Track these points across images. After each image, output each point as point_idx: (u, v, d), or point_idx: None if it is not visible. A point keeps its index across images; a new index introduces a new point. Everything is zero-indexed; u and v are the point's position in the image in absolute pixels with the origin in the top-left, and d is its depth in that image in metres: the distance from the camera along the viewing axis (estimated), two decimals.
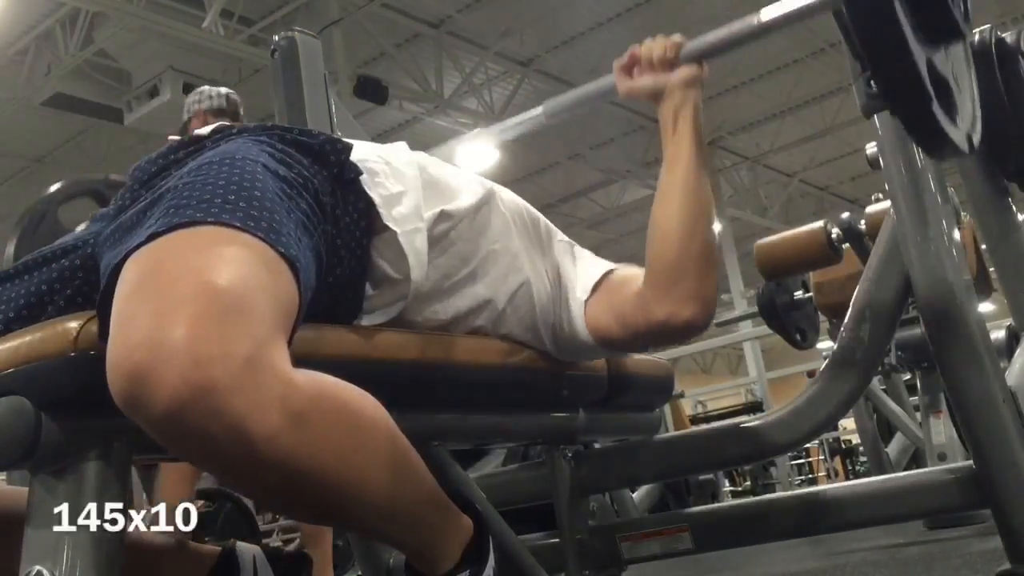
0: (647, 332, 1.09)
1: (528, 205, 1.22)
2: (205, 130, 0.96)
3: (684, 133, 1.14)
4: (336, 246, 0.91)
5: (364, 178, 0.96)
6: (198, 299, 0.64)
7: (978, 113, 1.12)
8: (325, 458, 0.68)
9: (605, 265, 1.19)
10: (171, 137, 0.97)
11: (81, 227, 1.01)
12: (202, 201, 0.75)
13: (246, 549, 1.06)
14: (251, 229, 0.73)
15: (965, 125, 1.04)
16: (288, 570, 1.08)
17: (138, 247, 0.70)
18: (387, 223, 0.95)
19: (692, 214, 1.08)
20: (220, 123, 0.97)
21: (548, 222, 1.25)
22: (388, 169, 1.00)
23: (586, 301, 1.14)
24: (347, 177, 0.94)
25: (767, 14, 1.12)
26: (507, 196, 1.17)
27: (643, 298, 1.08)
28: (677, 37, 1.18)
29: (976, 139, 1.06)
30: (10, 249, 1.39)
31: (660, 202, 1.11)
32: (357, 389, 0.74)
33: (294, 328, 0.74)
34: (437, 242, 1.02)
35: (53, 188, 1.47)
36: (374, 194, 0.95)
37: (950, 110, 0.99)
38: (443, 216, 1.03)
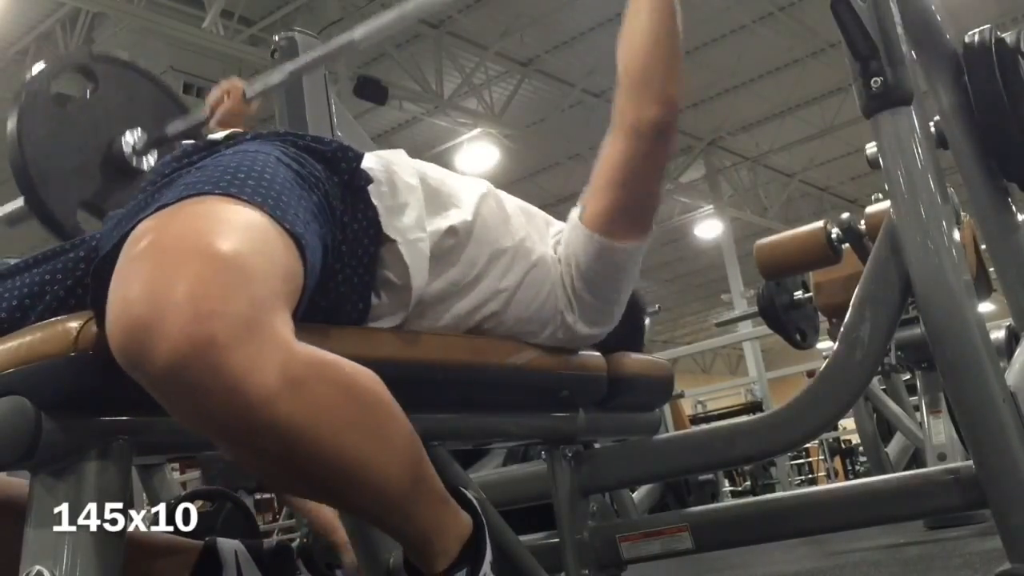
0: (627, 153, 1.11)
1: (520, 201, 1.22)
2: (219, 135, 0.97)
3: None
4: (341, 252, 0.92)
5: (370, 187, 0.97)
6: (201, 259, 0.64)
7: None
8: (323, 428, 0.68)
9: None
10: (185, 142, 0.98)
11: None
12: (212, 179, 0.76)
13: (227, 544, 1.06)
14: (258, 203, 0.74)
15: None
16: (271, 563, 1.08)
17: (145, 217, 0.71)
18: (388, 233, 0.96)
19: (660, 23, 1.12)
20: (234, 129, 0.98)
21: (543, 212, 1.26)
22: (391, 179, 1.01)
23: (580, 217, 1.16)
24: (357, 184, 0.95)
25: None
26: (503, 194, 1.18)
27: (614, 121, 1.13)
28: None
29: None
30: (11, 125, 1.36)
31: (629, 18, 1.14)
32: (360, 367, 0.74)
33: (299, 304, 0.74)
34: (446, 255, 1.03)
35: (37, 68, 1.45)
36: (378, 204, 0.96)
37: None
38: (450, 232, 1.03)
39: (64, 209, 1.38)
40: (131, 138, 1.47)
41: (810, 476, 9.33)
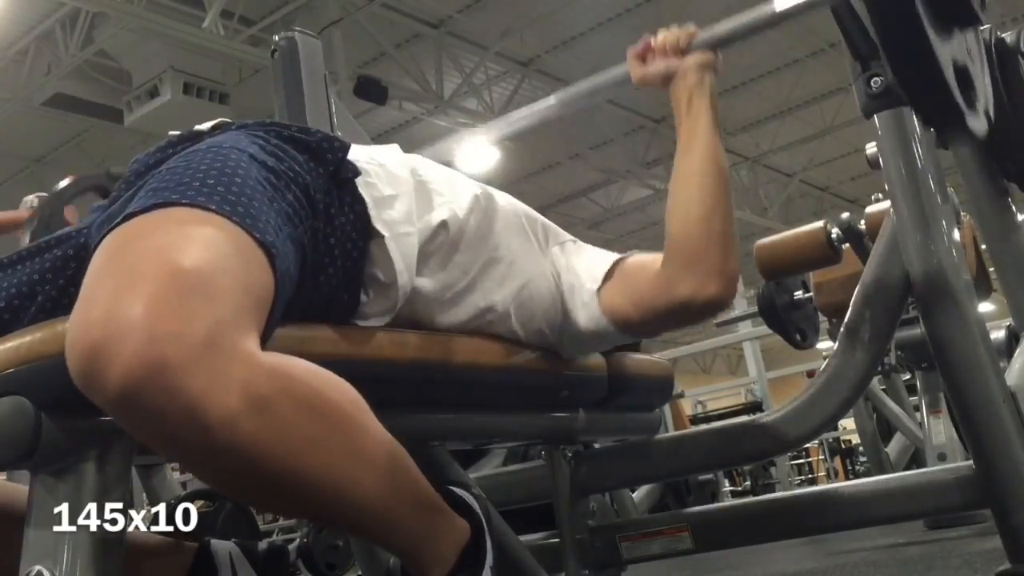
0: (668, 311, 1.08)
1: (525, 207, 1.21)
2: (206, 126, 0.96)
3: (699, 112, 1.13)
4: (329, 244, 0.90)
5: (358, 179, 0.95)
6: (160, 278, 0.63)
7: (990, 95, 1.11)
8: (288, 446, 0.67)
9: (613, 256, 1.19)
10: (171, 133, 0.97)
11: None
12: (180, 184, 0.75)
13: (222, 546, 1.05)
14: (226, 213, 0.72)
15: (982, 106, 1.04)
16: (265, 564, 1.07)
17: (114, 227, 0.70)
18: (376, 225, 0.94)
19: (713, 193, 1.08)
20: (221, 119, 0.97)
21: (547, 221, 1.24)
22: (381, 171, 1.00)
23: (598, 290, 1.14)
24: (343, 176, 0.93)
25: (780, 4, 1.12)
26: (502, 198, 1.17)
27: (664, 278, 1.08)
28: (691, 26, 1.18)
29: (991, 115, 1.06)
30: (24, 243, 1.41)
31: (679, 182, 1.11)
32: (335, 377, 0.73)
33: (271, 316, 0.73)
34: (437, 253, 1.02)
35: (59, 186, 1.49)
36: (365, 195, 0.95)
37: (970, 97, 0.99)
38: (442, 226, 1.02)
39: None
40: None
41: (810, 476, 9.33)
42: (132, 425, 0.63)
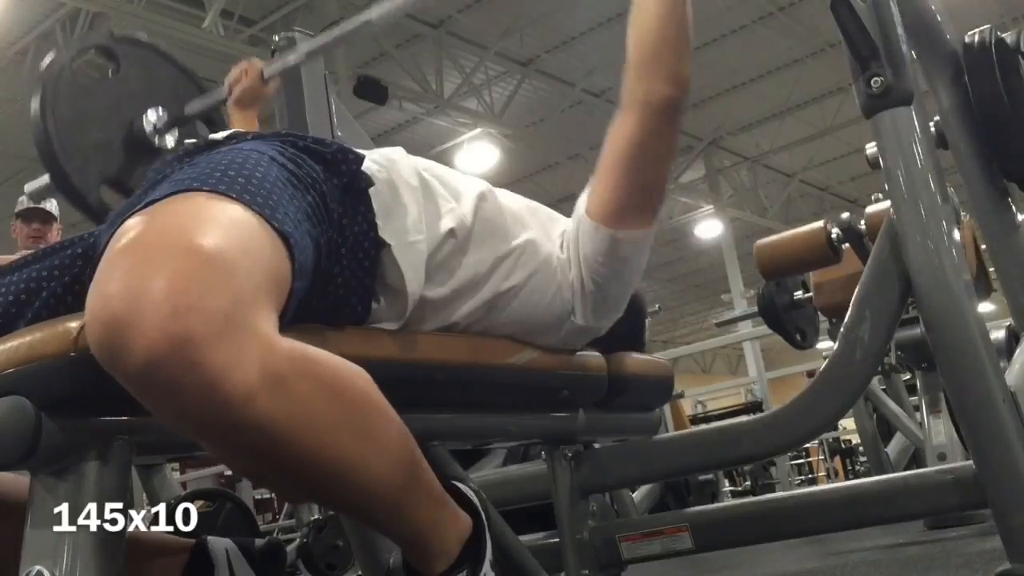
0: (634, 127, 1.11)
1: (525, 199, 1.21)
2: (221, 135, 0.97)
3: None
4: (340, 254, 0.91)
5: (371, 189, 0.96)
6: (182, 255, 0.64)
7: None
8: (304, 426, 0.67)
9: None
10: (187, 141, 0.98)
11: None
12: (201, 175, 0.76)
13: (218, 543, 1.05)
14: (247, 201, 0.73)
15: None
16: (262, 561, 1.08)
17: (133, 214, 0.71)
18: (384, 236, 0.94)
19: (670, 4, 1.11)
20: (235, 130, 0.98)
21: (548, 209, 1.25)
22: (391, 179, 1.00)
23: (586, 212, 1.15)
24: (357, 187, 0.94)
25: None
26: (505, 194, 1.17)
27: (624, 101, 1.12)
28: None
29: None
30: (35, 105, 1.40)
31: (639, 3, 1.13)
32: (350, 363, 0.73)
33: (287, 304, 0.73)
34: (447, 261, 1.02)
35: (56, 52, 1.48)
36: (375, 205, 0.95)
37: None
38: (450, 234, 1.02)
39: (87, 184, 1.41)
40: (152, 117, 1.49)
41: (810, 476, 9.33)
42: (151, 399, 0.63)
